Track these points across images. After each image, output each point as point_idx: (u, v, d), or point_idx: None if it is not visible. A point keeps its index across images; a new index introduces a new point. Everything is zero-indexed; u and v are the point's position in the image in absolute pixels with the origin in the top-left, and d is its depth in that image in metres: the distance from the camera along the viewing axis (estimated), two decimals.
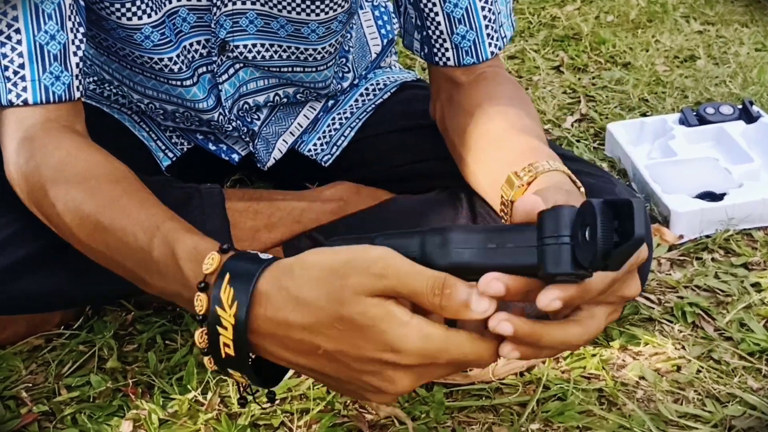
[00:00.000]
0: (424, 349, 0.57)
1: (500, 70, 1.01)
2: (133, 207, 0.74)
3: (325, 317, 0.58)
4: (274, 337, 0.60)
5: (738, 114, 1.54)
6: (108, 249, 0.73)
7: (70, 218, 0.76)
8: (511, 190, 0.78)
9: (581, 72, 1.96)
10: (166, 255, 0.68)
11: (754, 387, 0.98)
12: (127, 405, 0.95)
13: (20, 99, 0.83)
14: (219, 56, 1.01)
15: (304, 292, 0.59)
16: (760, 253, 1.25)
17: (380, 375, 0.58)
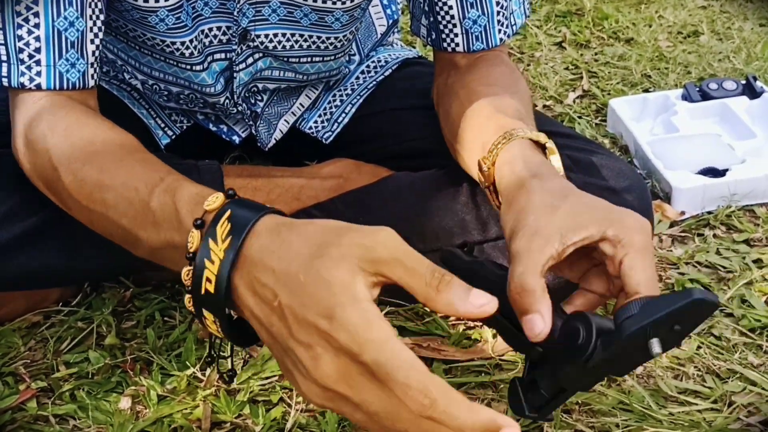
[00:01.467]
0: (358, 332, 0.52)
1: (499, 53, 1.00)
2: (137, 164, 0.73)
3: (296, 265, 0.55)
4: (249, 278, 0.58)
5: (741, 89, 1.52)
6: (105, 207, 0.72)
7: (71, 180, 0.75)
8: (483, 178, 0.79)
9: (583, 48, 1.94)
10: (164, 202, 0.66)
11: (754, 363, 0.98)
12: (126, 381, 0.95)
13: (33, 83, 0.82)
14: (239, 45, 0.99)
15: (293, 240, 0.56)
16: (762, 230, 1.24)
17: (310, 350, 0.54)
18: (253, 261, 0.57)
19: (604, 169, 1.00)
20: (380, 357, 0.51)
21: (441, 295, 0.54)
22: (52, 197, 0.81)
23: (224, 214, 0.59)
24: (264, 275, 0.56)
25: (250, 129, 1.15)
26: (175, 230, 0.65)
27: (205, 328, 0.62)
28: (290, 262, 0.55)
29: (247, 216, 0.59)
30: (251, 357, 0.99)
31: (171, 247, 0.65)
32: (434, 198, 1.03)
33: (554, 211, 0.67)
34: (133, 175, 0.71)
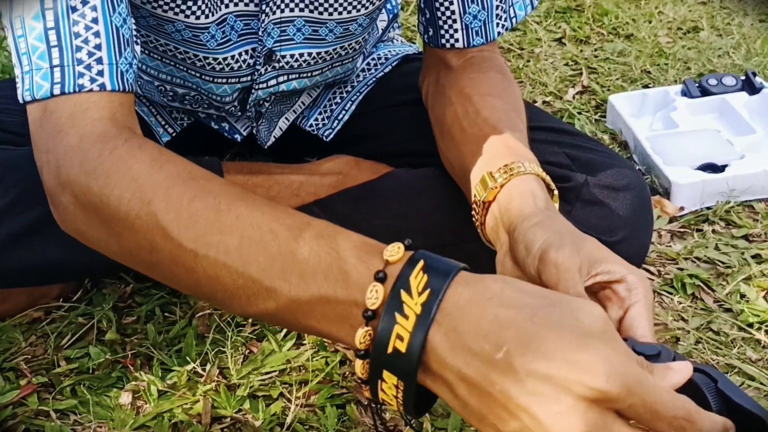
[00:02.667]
0: (621, 374, 0.47)
1: (490, 53, 1.00)
2: (264, 206, 0.61)
3: (527, 312, 0.48)
4: (455, 334, 0.50)
5: (741, 85, 1.52)
6: (225, 252, 0.59)
7: (172, 217, 0.61)
8: (484, 192, 0.78)
9: (583, 44, 1.94)
10: (320, 250, 0.56)
11: (753, 358, 0.98)
12: (126, 377, 0.96)
13: (96, 83, 0.70)
14: (264, 66, 0.97)
15: (509, 291, 0.50)
16: (761, 225, 1.25)
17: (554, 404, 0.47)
18: (461, 312, 0.50)
19: (603, 167, 1.00)
20: (651, 397, 0.47)
21: (654, 374, 0.52)
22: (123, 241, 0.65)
23: (417, 264, 0.52)
24: (480, 325, 0.49)
25: (252, 127, 1.15)
26: (336, 282, 0.55)
27: (377, 394, 0.54)
28: (519, 308, 0.49)
29: (447, 266, 0.52)
30: (251, 353, 0.99)
31: (325, 301, 0.56)
32: (434, 195, 1.03)
33: (585, 240, 0.68)
34: (267, 218, 0.59)
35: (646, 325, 0.63)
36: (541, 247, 0.68)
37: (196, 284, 0.62)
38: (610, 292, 0.66)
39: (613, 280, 0.66)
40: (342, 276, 0.55)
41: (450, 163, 0.94)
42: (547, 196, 0.77)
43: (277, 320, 0.60)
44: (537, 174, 0.78)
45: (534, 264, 0.68)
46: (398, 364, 0.51)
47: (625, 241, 0.95)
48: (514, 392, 0.48)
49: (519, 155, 0.79)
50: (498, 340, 0.48)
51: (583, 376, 0.46)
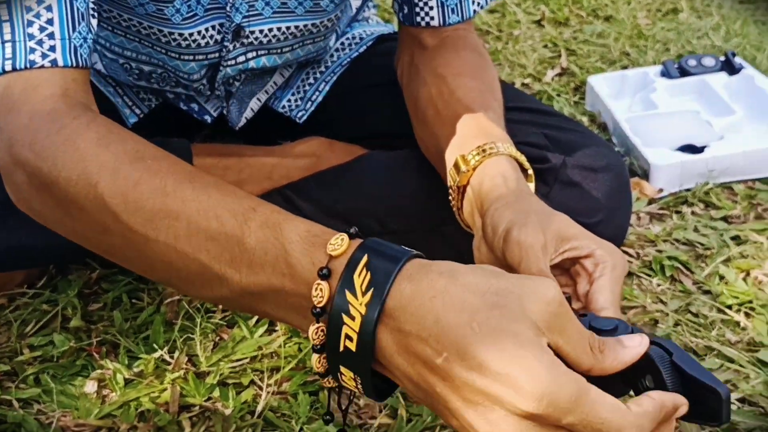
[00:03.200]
0: (553, 395, 0.45)
1: (466, 33, 0.97)
2: (212, 188, 0.59)
3: (467, 315, 0.47)
4: (400, 335, 0.49)
5: (720, 66, 1.51)
6: (174, 238, 0.58)
7: (119, 201, 0.59)
8: (457, 176, 0.77)
9: (562, 26, 1.92)
10: (266, 241, 0.55)
11: (732, 340, 0.97)
12: (92, 365, 0.93)
13: (47, 59, 0.68)
14: (232, 42, 0.94)
15: (453, 288, 0.49)
16: (740, 206, 1.23)
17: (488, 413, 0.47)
18: (404, 312, 0.49)
19: (581, 148, 0.98)
20: (588, 415, 0.45)
21: (605, 354, 0.50)
22: (76, 222, 0.64)
23: (360, 261, 0.51)
24: (421, 328, 0.48)
25: (222, 108, 1.12)
26: (284, 276, 0.54)
27: (340, 383, 0.54)
28: (460, 311, 0.48)
29: (389, 262, 0.50)
30: (222, 339, 0.97)
31: (276, 292, 0.55)
32: (411, 177, 1.01)
33: (552, 216, 0.67)
34: (212, 202, 0.57)
35: (608, 298, 0.62)
36: (506, 227, 0.67)
37: (151, 268, 0.61)
38: (579, 267, 0.65)
39: (582, 255, 0.65)
40: (288, 270, 0.54)
41: (425, 146, 0.92)
42: (520, 176, 0.75)
43: (235, 305, 0.59)
44: (510, 154, 0.76)
45: (499, 245, 0.67)
46: (351, 361, 0.51)
47: (604, 222, 0.94)
48: (452, 398, 0.48)
49: (492, 136, 0.78)
50: (438, 346, 0.47)
51: (515, 397, 0.45)
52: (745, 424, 0.85)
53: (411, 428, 0.84)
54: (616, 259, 0.64)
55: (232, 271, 0.56)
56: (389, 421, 0.85)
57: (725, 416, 0.49)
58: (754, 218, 1.21)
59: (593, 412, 0.45)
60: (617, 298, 0.63)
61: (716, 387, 0.49)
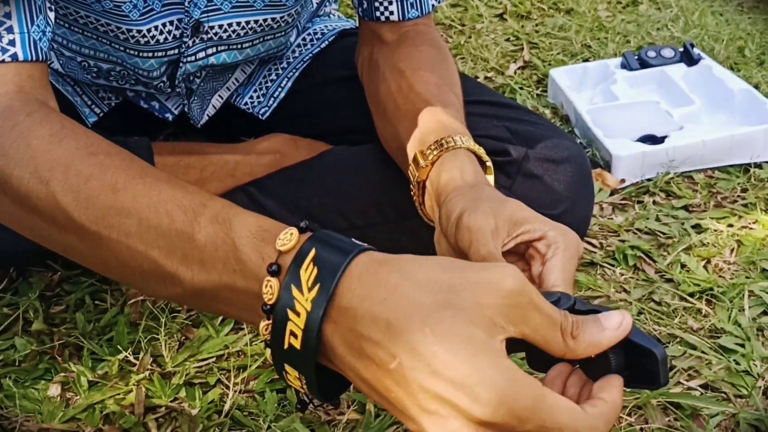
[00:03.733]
0: (509, 402, 0.44)
1: (425, 27, 0.97)
2: (162, 184, 0.58)
3: (419, 318, 0.46)
4: (352, 335, 0.48)
5: (679, 57, 1.53)
6: (125, 235, 0.57)
7: (71, 199, 0.58)
8: (417, 171, 0.77)
9: (524, 19, 1.93)
10: (216, 237, 0.54)
11: (694, 327, 0.98)
12: (55, 368, 0.92)
13: (7, 54, 0.67)
14: (191, 38, 0.93)
15: (405, 285, 0.47)
16: (700, 195, 1.25)
17: (443, 422, 0.45)
18: (355, 313, 0.47)
19: (543, 140, 0.99)
20: (546, 422, 0.44)
21: (579, 338, 0.49)
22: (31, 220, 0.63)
23: (307, 255, 0.49)
24: (374, 331, 0.47)
25: (184, 105, 1.11)
26: (235, 272, 0.53)
27: (286, 382, 0.53)
28: (411, 314, 0.46)
29: (337, 256, 0.49)
30: (187, 339, 0.96)
31: (227, 289, 0.54)
32: (373, 172, 1.01)
33: (505, 203, 0.67)
34: (163, 197, 0.57)
35: (559, 276, 0.62)
36: (458, 214, 0.67)
37: (107, 267, 0.60)
38: (533, 250, 0.66)
39: (535, 238, 0.65)
40: (239, 266, 0.52)
41: (386, 141, 0.92)
42: (478, 168, 0.75)
43: (192, 304, 0.59)
44: (468, 147, 0.76)
45: (452, 232, 0.67)
46: (296, 359, 0.50)
47: (567, 213, 0.95)
48: (408, 404, 0.46)
49: (450, 130, 0.78)
50: (391, 350, 0.46)
51: (471, 405, 0.44)
52: (708, 409, 0.86)
53: (379, 423, 0.84)
54: (569, 240, 0.64)
55: (184, 268, 0.55)
56: (357, 417, 0.85)
57: (663, 378, 0.49)
58: (713, 207, 1.23)
59: (551, 418, 0.45)
60: (569, 277, 0.63)
61: (653, 349, 0.49)
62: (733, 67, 1.64)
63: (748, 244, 1.12)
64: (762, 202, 1.23)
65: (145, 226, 0.56)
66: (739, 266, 1.09)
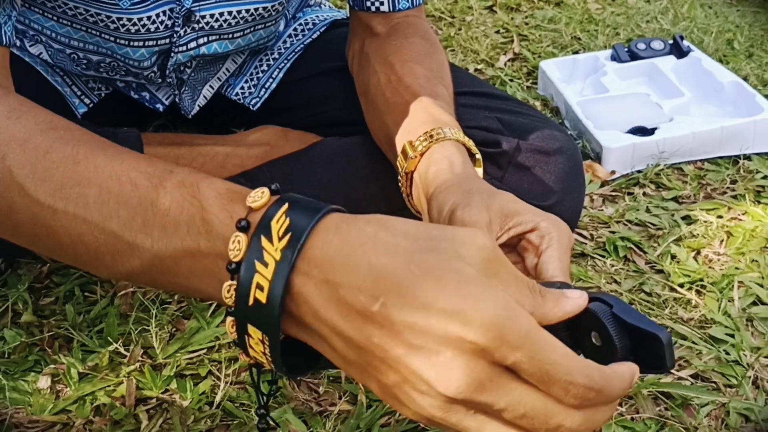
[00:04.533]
0: (503, 327, 0.43)
1: (416, 19, 0.97)
2: (125, 154, 0.56)
3: (403, 258, 0.44)
4: (328, 285, 0.46)
5: (669, 49, 1.53)
6: (83, 206, 0.54)
7: (27, 172, 0.56)
8: (405, 162, 0.77)
9: (514, 11, 1.93)
10: (182, 200, 0.52)
11: (684, 317, 0.99)
12: (45, 360, 0.91)
13: None
14: (183, 27, 0.93)
15: (383, 234, 0.46)
16: (690, 187, 1.26)
17: (434, 356, 0.44)
18: (331, 262, 0.46)
19: (534, 131, 0.99)
20: (538, 354, 0.43)
21: (546, 299, 0.48)
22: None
23: (280, 208, 0.48)
24: (353, 276, 0.45)
25: (174, 96, 1.10)
26: (199, 234, 0.51)
27: (248, 352, 0.50)
28: (394, 255, 0.45)
29: (310, 210, 0.47)
30: (178, 331, 0.96)
31: (189, 255, 0.51)
32: (365, 163, 1.01)
33: (496, 195, 0.67)
34: (126, 167, 0.54)
35: (557, 266, 0.62)
36: (450, 208, 0.66)
37: (58, 245, 0.57)
38: (526, 242, 0.65)
39: (527, 230, 0.65)
40: (205, 227, 0.50)
41: (376, 133, 0.92)
42: (467, 160, 0.75)
43: (146, 280, 0.56)
44: (458, 139, 0.76)
45: None
46: (260, 317, 0.47)
47: (558, 205, 0.95)
48: (392, 345, 0.44)
49: (440, 121, 0.78)
50: (374, 292, 0.44)
51: (461, 329, 0.43)
52: (698, 399, 0.87)
53: (371, 414, 0.84)
54: (561, 230, 0.64)
55: (143, 236, 0.53)
56: (349, 408, 0.85)
57: (669, 361, 0.48)
58: (703, 198, 1.23)
59: (543, 351, 0.44)
60: (566, 267, 0.63)
61: (657, 333, 0.48)
62: (722, 59, 1.65)
63: (737, 235, 1.13)
64: (751, 193, 1.23)
65: (106, 195, 0.54)
66: (729, 257, 1.10)
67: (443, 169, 0.73)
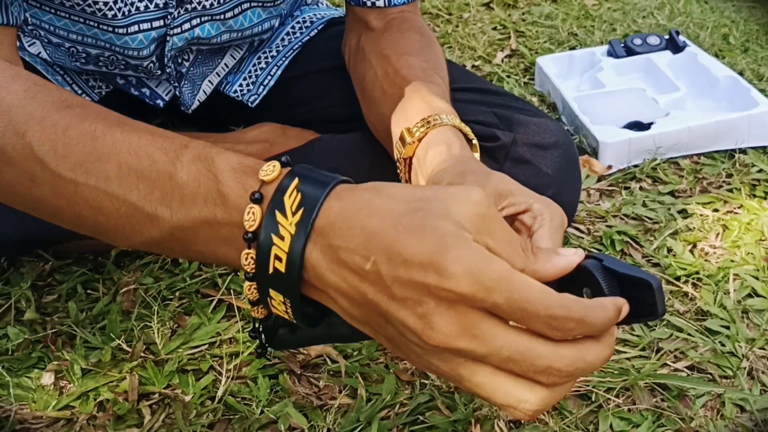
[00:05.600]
0: (481, 272, 0.45)
1: (411, 15, 0.98)
2: (142, 130, 0.58)
3: (391, 220, 0.48)
4: (330, 249, 0.49)
5: (665, 44, 1.54)
6: (105, 180, 0.57)
7: (48, 148, 0.58)
8: (403, 148, 0.77)
9: (511, 8, 1.94)
10: (198, 173, 0.54)
11: (680, 310, 1.00)
12: (48, 356, 0.92)
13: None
14: (177, 8, 0.93)
15: (379, 200, 0.49)
16: (686, 181, 1.27)
17: (418, 308, 0.47)
18: (333, 228, 0.49)
19: (531, 126, 1.00)
20: (513, 294, 0.45)
21: (539, 257, 0.50)
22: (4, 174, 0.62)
23: (291, 183, 0.51)
24: (350, 239, 0.49)
25: (174, 91, 1.11)
26: (216, 206, 0.54)
27: (270, 311, 0.55)
28: (384, 217, 0.48)
29: (319, 184, 0.51)
30: (179, 327, 0.97)
31: (207, 225, 0.55)
32: (363, 159, 1.01)
33: (490, 175, 0.68)
34: (144, 142, 0.57)
35: (548, 245, 0.63)
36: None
37: (79, 217, 0.60)
38: (519, 223, 0.66)
39: (520, 211, 0.66)
40: (221, 198, 0.53)
41: (374, 126, 0.93)
42: (464, 144, 0.76)
43: (166, 249, 0.59)
44: (455, 125, 0.77)
45: None
46: (280, 283, 0.51)
47: (554, 198, 0.94)
48: (384, 301, 0.48)
49: (437, 109, 0.79)
50: (366, 252, 0.48)
51: (438, 279, 0.46)
52: (694, 390, 0.88)
53: (371, 407, 0.85)
54: (554, 211, 0.65)
55: (163, 208, 0.55)
56: (349, 401, 0.86)
57: (660, 307, 0.49)
58: (699, 192, 1.24)
59: (520, 291, 0.46)
60: (558, 246, 0.63)
61: (648, 279, 0.49)
62: (717, 54, 1.66)
63: (733, 229, 1.14)
64: (747, 187, 1.24)
65: (125, 169, 0.56)
66: (725, 250, 1.11)
67: (441, 152, 0.74)
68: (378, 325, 0.50)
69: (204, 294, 1.01)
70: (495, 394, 0.48)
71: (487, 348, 0.46)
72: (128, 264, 1.06)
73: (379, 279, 0.48)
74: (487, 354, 0.47)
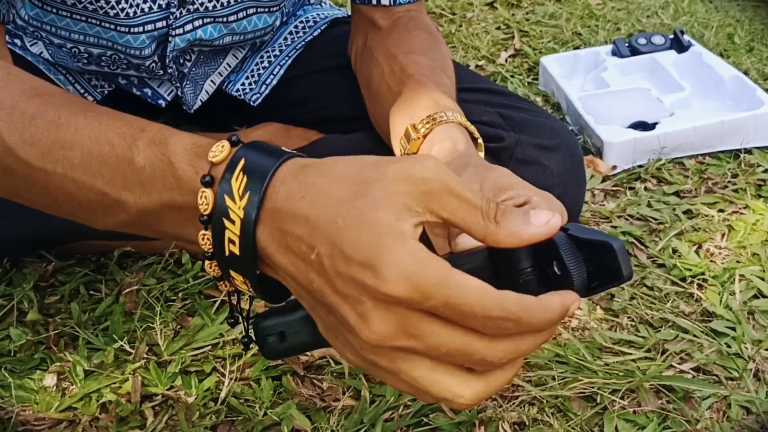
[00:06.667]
0: (418, 277, 0.45)
1: (417, 13, 0.98)
2: (103, 116, 0.59)
3: (333, 209, 0.48)
4: (279, 233, 0.50)
5: (669, 44, 1.54)
6: (70, 168, 0.58)
7: (16, 138, 0.59)
8: (407, 144, 0.77)
9: (515, 7, 1.93)
10: (154, 157, 0.55)
11: (685, 311, 0.99)
12: (51, 358, 0.92)
13: None
14: (179, 8, 0.94)
15: (323, 182, 0.49)
16: (691, 181, 1.26)
17: (358, 306, 0.47)
18: (280, 213, 0.50)
19: (535, 126, 1.00)
20: (451, 297, 0.45)
21: (501, 225, 0.49)
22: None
23: (237, 165, 0.51)
24: (296, 226, 0.49)
25: (176, 91, 1.11)
26: (173, 189, 0.54)
27: (235, 287, 0.56)
28: (325, 207, 0.48)
29: (265, 164, 0.51)
30: (182, 328, 0.96)
31: (168, 208, 0.56)
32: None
33: (491, 169, 0.67)
34: (104, 127, 0.57)
35: None
36: None
37: (55, 203, 0.61)
38: None
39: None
40: (176, 182, 0.54)
41: (379, 124, 0.93)
42: (469, 142, 0.76)
43: (137, 229, 0.59)
44: (460, 123, 0.77)
45: None
46: (238, 265, 0.52)
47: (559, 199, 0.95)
48: (327, 291, 0.49)
49: (442, 106, 0.78)
50: (310, 242, 0.49)
51: (375, 281, 0.46)
52: (700, 392, 0.87)
53: (374, 409, 0.84)
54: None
55: (126, 193, 0.56)
56: (353, 403, 0.86)
57: (625, 270, 0.48)
58: (704, 192, 1.24)
59: (457, 295, 0.46)
60: None
61: (609, 242, 0.49)
62: (722, 53, 1.65)
63: (738, 229, 1.13)
64: (752, 187, 1.24)
65: (88, 156, 0.57)
66: (730, 251, 1.10)
67: (446, 148, 0.74)
68: (320, 310, 0.51)
69: (207, 295, 1.01)
70: (432, 388, 0.49)
71: (425, 345, 0.47)
72: (131, 265, 1.06)
73: (323, 270, 0.48)
74: (425, 350, 0.48)
